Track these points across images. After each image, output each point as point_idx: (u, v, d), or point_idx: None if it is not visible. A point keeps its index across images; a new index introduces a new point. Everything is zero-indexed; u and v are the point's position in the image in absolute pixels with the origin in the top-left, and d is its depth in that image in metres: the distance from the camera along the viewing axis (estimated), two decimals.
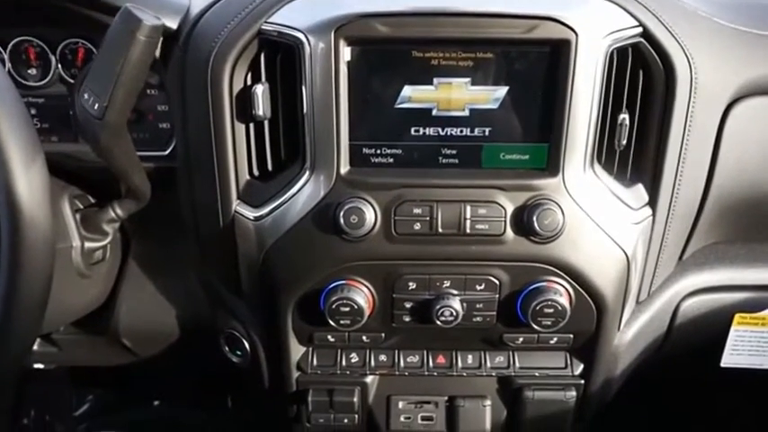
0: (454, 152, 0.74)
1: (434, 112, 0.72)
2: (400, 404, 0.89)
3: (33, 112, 0.82)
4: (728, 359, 0.95)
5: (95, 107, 0.66)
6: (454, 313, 0.77)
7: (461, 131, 0.73)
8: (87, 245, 0.84)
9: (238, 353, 0.90)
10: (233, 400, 1.60)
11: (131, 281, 0.95)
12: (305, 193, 0.75)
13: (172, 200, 0.85)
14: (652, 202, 0.78)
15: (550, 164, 0.73)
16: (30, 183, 0.59)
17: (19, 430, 1.55)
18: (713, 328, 0.92)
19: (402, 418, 0.89)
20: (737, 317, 0.91)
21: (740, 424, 1.30)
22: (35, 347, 1.05)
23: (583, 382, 0.87)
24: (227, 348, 0.90)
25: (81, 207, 0.87)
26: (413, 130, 0.73)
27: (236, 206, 0.78)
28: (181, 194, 0.84)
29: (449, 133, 0.73)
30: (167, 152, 0.82)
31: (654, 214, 0.78)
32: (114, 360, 1.09)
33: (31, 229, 0.60)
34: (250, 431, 1.56)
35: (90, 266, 0.86)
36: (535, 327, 0.77)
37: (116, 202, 0.84)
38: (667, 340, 0.91)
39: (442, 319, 0.77)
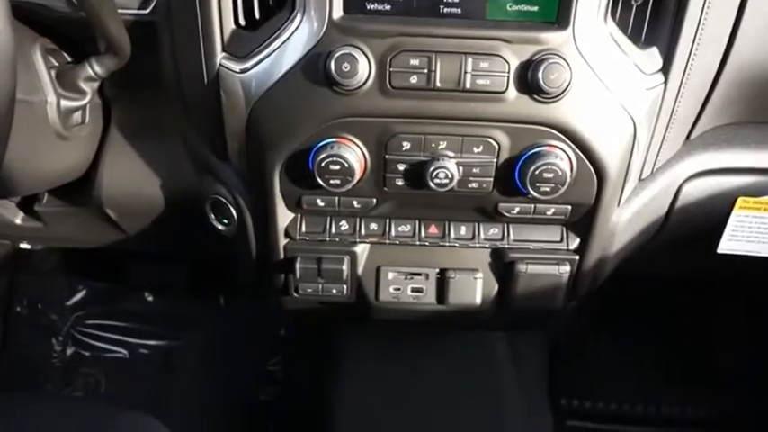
0: (456, 1, 0.68)
1: None
2: (390, 275, 0.87)
3: None
4: (726, 245, 0.93)
5: None
6: (449, 176, 0.74)
7: None
8: (64, 103, 0.80)
9: (225, 221, 0.87)
10: (225, 298, 1.61)
11: (114, 148, 0.91)
12: (294, 41, 0.69)
13: (153, 59, 0.79)
14: (665, 69, 0.73)
15: (561, 16, 0.68)
16: None
17: (11, 318, 1.57)
18: (714, 213, 0.89)
19: (392, 289, 0.88)
20: (740, 200, 0.88)
21: (728, 321, 1.32)
22: (18, 222, 1.03)
23: (577, 257, 0.85)
24: (212, 216, 0.88)
25: (56, 64, 0.81)
26: None
27: (221, 59, 0.73)
28: (163, 51, 0.78)
29: None
30: (149, 10, 0.76)
31: (666, 82, 0.73)
32: (101, 238, 1.07)
33: None
34: (244, 325, 1.58)
35: (69, 128, 0.82)
36: (533, 193, 0.74)
37: (93, 58, 0.79)
38: (666, 223, 0.88)
39: (437, 181, 0.74)
